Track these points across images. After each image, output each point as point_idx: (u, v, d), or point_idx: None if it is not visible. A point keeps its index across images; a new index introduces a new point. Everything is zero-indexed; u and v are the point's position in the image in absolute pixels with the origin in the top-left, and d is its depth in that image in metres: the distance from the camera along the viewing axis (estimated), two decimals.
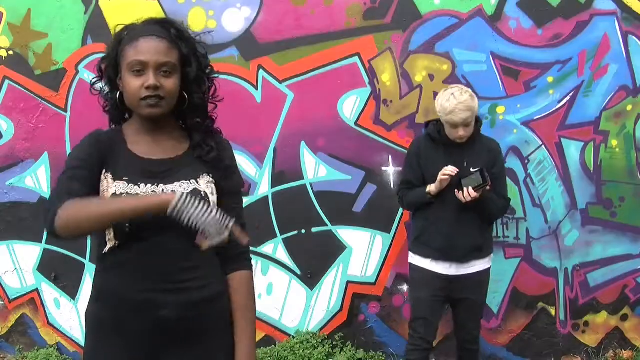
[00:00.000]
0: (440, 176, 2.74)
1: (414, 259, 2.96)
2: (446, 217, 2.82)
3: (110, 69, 1.60)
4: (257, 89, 3.54)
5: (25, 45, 3.66)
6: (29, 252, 3.83)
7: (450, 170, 2.72)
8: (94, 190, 1.52)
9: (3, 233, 3.84)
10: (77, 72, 3.62)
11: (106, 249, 1.54)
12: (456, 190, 2.73)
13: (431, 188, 2.80)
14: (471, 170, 2.74)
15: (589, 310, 3.59)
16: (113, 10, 3.54)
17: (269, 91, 3.53)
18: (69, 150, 3.68)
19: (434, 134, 2.87)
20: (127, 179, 1.52)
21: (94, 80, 1.67)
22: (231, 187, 1.66)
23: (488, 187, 2.68)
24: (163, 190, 1.52)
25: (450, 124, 2.75)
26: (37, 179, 3.75)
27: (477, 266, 2.87)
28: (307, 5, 3.45)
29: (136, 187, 1.51)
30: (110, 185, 1.52)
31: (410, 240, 3.05)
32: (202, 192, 1.55)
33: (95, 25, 3.57)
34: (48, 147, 3.71)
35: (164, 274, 1.52)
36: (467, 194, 2.68)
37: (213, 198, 1.57)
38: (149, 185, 1.52)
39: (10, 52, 3.68)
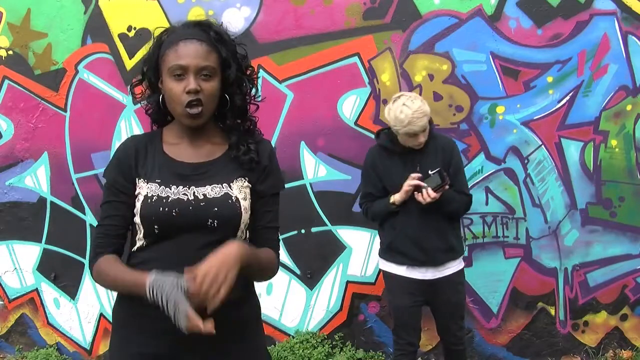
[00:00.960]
0: (405, 187, 2.69)
1: (390, 267, 2.89)
2: (412, 223, 2.76)
3: (150, 72, 1.60)
4: (256, 89, 3.53)
5: (25, 45, 3.66)
6: (29, 252, 3.83)
7: (414, 179, 2.68)
8: (132, 206, 1.59)
9: (3, 233, 3.84)
10: (77, 72, 3.63)
11: (135, 248, 1.60)
12: (416, 193, 2.68)
13: (395, 198, 2.74)
14: (429, 172, 2.69)
15: (589, 310, 3.59)
16: (113, 10, 3.54)
17: (268, 91, 3.53)
18: (68, 150, 3.69)
19: (386, 143, 2.82)
20: (159, 180, 1.56)
21: (135, 83, 1.67)
22: (265, 190, 1.63)
23: (447, 187, 2.66)
24: (194, 192, 1.54)
25: (409, 134, 2.68)
26: (37, 179, 3.75)
27: (452, 267, 2.83)
28: (306, 5, 3.45)
29: (167, 189, 1.54)
30: (143, 188, 1.56)
31: (380, 247, 2.96)
32: (234, 197, 1.55)
33: (95, 25, 3.57)
34: (48, 147, 3.71)
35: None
36: (427, 194, 2.63)
37: (245, 203, 1.57)
38: (181, 187, 1.54)
39: (10, 52, 3.68)
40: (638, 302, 3.59)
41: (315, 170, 3.57)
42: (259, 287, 3.91)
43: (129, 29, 3.53)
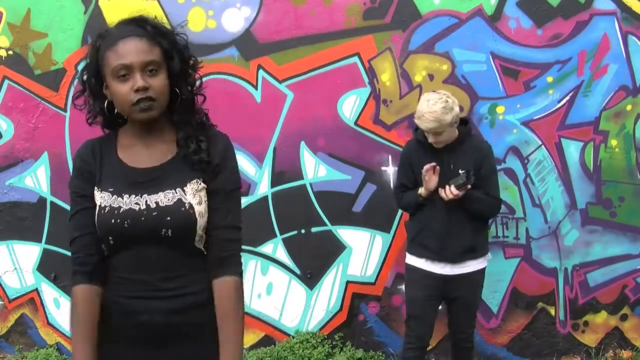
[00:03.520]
0: (423, 178, 2.78)
1: (410, 259, 2.98)
2: (438, 218, 2.84)
3: (92, 80, 1.54)
4: (256, 89, 3.54)
5: (25, 45, 3.66)
6: (29, 252, 3.83)
7: (428, 166, 2.75)
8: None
9: (3, 233, 3.84)
10: (77, 72, 3.62)
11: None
12: (440, 188, 2.76)
13: (422, 191, 2.84)
14: (459, 172, 2.76)
15: (589, 310, 3.59)
16: (113, 10, 3.54)
17: (268, 91, 3.53)
18: (68, 150, 3.69)
19: (421, 137, 2.88)
20: (112, 189, 1.53)
21: (76, 95, 1.62)
22: (218, 187, 1.56)
23: (469, 186, 2.72)
24: (147, 201, 1.51)
25: (422, 128, 2.77)
26: (37, 179, 3.75)
27: (471, 266, 2.88)
28: (306, 5, 3.45)
29: (120, 198, 1.51)
30: (97, 197, 1.54)
31: (407, 240, 3.07)
32: (187, 204, 1.52)
33: (95, 25, 3.56)
34: (48, 147, 3.71)
35: (146, 282, 1.53)
36: (449, 191, 2.71)
37: (200, 208, 1.52)
38: (133, 196, 1.51)
39: (10, 52, 3.68)
40: (638, 302, 3.59)
41: (315, 170, 3.57)
42: (259, 287, 3.90)
43: None
